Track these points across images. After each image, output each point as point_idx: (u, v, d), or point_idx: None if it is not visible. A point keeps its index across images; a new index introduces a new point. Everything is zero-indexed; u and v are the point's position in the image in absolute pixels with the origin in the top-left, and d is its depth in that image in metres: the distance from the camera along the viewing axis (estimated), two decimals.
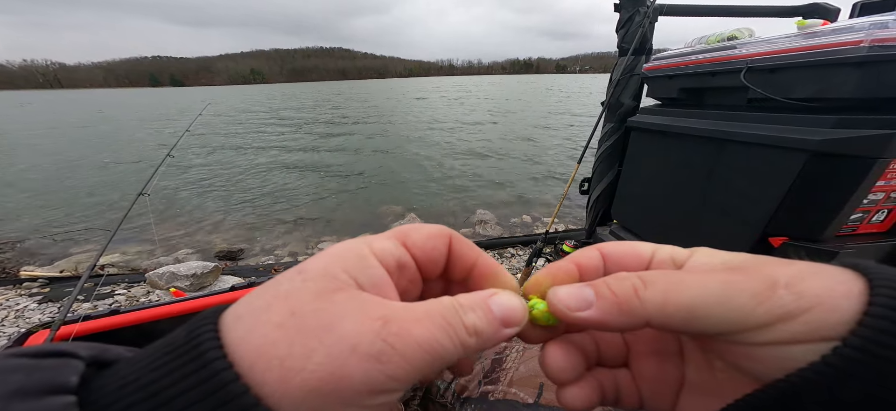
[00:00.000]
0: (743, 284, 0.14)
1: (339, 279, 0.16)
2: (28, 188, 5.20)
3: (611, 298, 0.16)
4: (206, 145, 8.54)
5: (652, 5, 1.70)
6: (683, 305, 0.15)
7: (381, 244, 0.18)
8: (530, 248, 2.53)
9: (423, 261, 0.19)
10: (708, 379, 0.18)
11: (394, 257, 0.18)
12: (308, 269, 0.16)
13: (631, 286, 0.16)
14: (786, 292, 0.14)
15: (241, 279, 2.27)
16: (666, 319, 0.15)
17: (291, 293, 0.15)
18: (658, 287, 0.15)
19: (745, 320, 0.14)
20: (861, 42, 0.87)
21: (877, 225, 1.03)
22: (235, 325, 0.14)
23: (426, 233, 0.20)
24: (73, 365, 0.13)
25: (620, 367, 0.21)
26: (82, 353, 0.14)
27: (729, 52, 1.24)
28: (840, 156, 0.93)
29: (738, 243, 1.18)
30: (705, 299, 0.14)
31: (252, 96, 43.37)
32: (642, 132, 1.71)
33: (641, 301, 0.16)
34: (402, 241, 0.19)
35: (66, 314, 1.02)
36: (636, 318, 0.16)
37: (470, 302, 0.17)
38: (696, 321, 0.15)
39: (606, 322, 0.16)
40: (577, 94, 24.47)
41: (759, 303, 0.14)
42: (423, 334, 0.15)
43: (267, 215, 4.06)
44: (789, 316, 0.13)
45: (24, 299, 2.08)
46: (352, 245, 0.17)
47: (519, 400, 0.69)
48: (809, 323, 0.13)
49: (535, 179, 5.17)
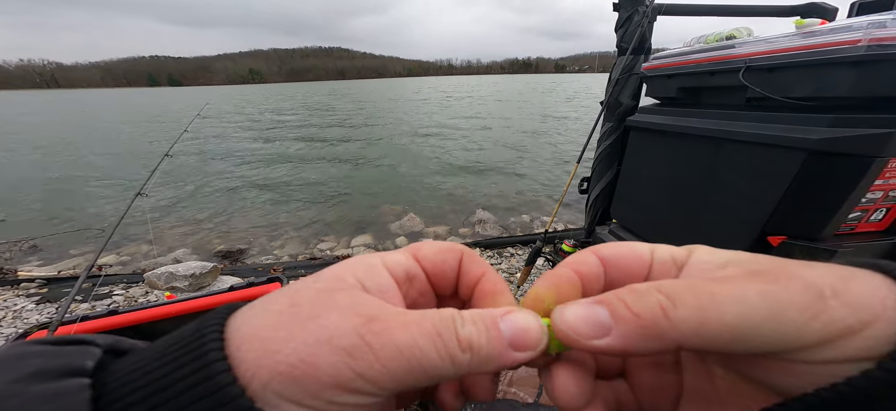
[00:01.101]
0: (786, 295, 0.12)
1: (346, 281, 0.16)
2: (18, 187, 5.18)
3: (633, 321, 0.14)
4: (206, 145, 8.52)
5: (651, 5, 1.70)
6: (727, 325, 0.13)
7: (393, 256, 0.19)
8: (530, 248, 2.53)
9: (433, 273, 0.20)
10: (707, 387, 0.17)
11: (403, 267, 0.19)
12: (323, 274, 0.17)
13: (656, 304, 0.13)
14: (837, 302, 0.12)
15: (240, 279, 2.26)
16: (703, 342, 0.13)
17: (299, 290, 0.16)
18: (690, 304, 0.13)
19: (798, 338, 0.12)
20: (859, 41, 0.87)
21: (875, 223, 1.03)
22: (242, 314, 0.15)
23: (437, 248, 0.20)
24: (91, 351, 0.14)
25: (617, 378, 0.20)
26: (100, 342, 0.15)
27: (728, 51, 1.24)
28: (838, 154, 0.94)
29: (737, 242, 1.18)
30: (751, 317, 0.12)
31: (250, 96, 43.29)
32: (641, 131, 1.71)
33: (672, 323, 0.13)
34: (413, 254, 0.20)
35: (64, 314, 1.02)
36: (666, 343, 0.13)
37: (473, 315, 0.15)
38: (740, 342, 0.13)
39: (630, 349, 0.14)
40: (582, 95, 24.47)
41: (811, 317, 0.12)
42: (404, 338, 0.14)
43: (266, 215, 4.05)
44: (850, 332, 0.12)
45: (22, 299, 2.08)
46: (366, 256, 0.18)
47: (518, 400, 0.69)
48: (870, 339, 0.12)
49: (535, 179, 5.18)
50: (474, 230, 3.40)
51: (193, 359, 0.13)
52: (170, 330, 0.15)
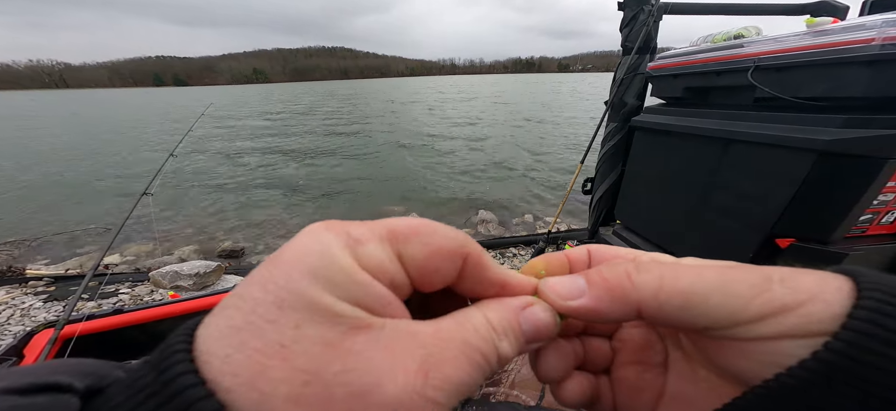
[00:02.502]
0: (740, 275, 0.14)
1: (345, 315, 0.12)
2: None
3: (603, 284, 0.16)
4: (210, 145, 8.59)
5: (656, 4, 1.69)
6: (679, 292, 0.14)
7: (368, 251, 0.13)
8: (532, 248, 2.52)
9: (419, 282, 0.15)
10: (689, 389, 0.18)
11: (388, 276, 0.14)
12: (286, 300, 0.12)
13: (623, 271, 0.16)
14: (781, 286, 0.14)
15: (244, 278, 2.28)
16: (659, 306, 0.15)
17: (289, 347, 0.11)
18: (653, 272, 0.15)
19: (742, 311, 0.14)
20: (872, 40, 0.85)
21: (887, 226, 1.01)
22: (225, 384, 0.11)
23: (430, 250, 0.14)
24: (65, 401, 0.11)
25: (602, 374, 0.21)
26: (77, 385, 0.12)
27: (736, 50, 1.22)
28: (849, 156, 0.92)
29: (745, 244, 1.17)
30: (703, 287, 0.14)
31: (254, 96, 43.57)
32: (646, 132, 1.69)
33: (634, 285, 0.15)
34: (396, 252, 0.14)
35: (71, 313, 1.02)
36: (629, 305, 0.15)
37: (502, 325, 0.15)
38: (690, 310, 0.14)
39: (598, 309, 0.16)
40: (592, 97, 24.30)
41: (756, 294, 0.14)
42: (461, 377, 0.13)
43: (269, 214, 4.08)
44: (785, 309, 0.13)
45: (30, 297, 2.10)
46: (327, 250, 0.13)
47: (521, 403, 0.68)
48: (804, 317, 0.13)
49: (538, 180, 5.16)
50: (477, 230, 3.40)
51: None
52: (173, 329, 0.13)
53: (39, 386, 0.11)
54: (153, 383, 0.11)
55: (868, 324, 0.12)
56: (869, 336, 0.12)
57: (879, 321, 0.12)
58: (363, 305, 0.13)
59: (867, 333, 0.12)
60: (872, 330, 0.12)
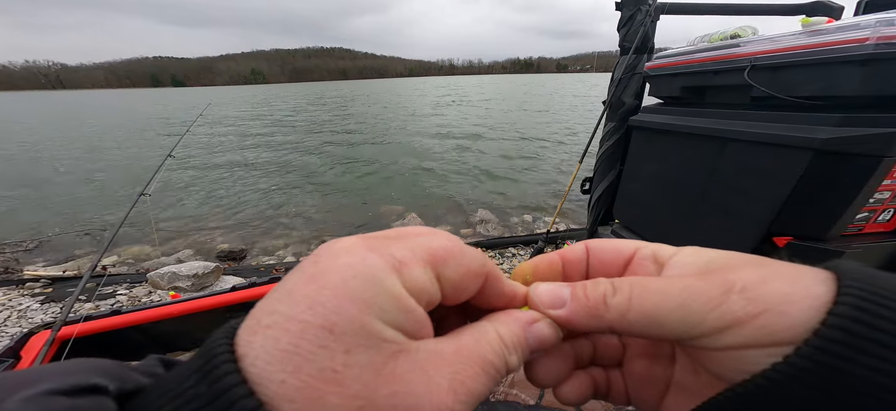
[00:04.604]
0: (699, 290, 0.15)
1: (390, 340, 0.13)
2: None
3: (582, 301, 0.17)
4: (208, 146, 8.56)
5: (654, 4, 1.69)
6: (643, 312, 0.15)
7: (413, 276, 0.14)
8: (531, 248, 2.53)
9: (449, 299, 0.17)
10: (693, 381, 0.19)
11: (427, 297, 0.15)
12: (337, 325, 0.12)
13: (602, 292, 0.17)
14: (738, 297, 0.14)
15: (242, 279, 2.27)
16: (627, 325, 0.16)
17: (342, 372, 0.12)
18: (624, 294, 0.16)
19: (697, 326, 0.14)
20: (867, 39, 0.85)
21: (883, 224, 1.02)
22: (283, 410, 0.12)
23: (464, 271, 0.16)
24: (106, 404, 0.12)
25: (615, 368, 0.22)
26: (110, 387, 0.12)
27: (732, 50, 1.23)
28: (845, 154, 0.92)
29: (742, 243, 1.17)
30: (664, 306, 0.15)
31: (253, 96, 43.49)
32: (644, 131, 1.70)
33: (607, 307, 0.16)
34: (436, 274, 0.15)
35: (68, 314, 1.02)
36: (603, 322, 0.16)
37: (512, 340, 0.16)
38: (654, 327, 0.15)
39: (574, 322, 0.17)
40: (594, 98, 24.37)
41: (710, 309, 0.14)
42: (480, 389, 0.15)
43: (268, 216, 4.07)
44: (738, 323, 0.14)
45: (27, 299, 2.09)
46: (375, 274, 0.13)
47: (520, 402, 0.68)
48: (760, 329, 0.14)
49: (537, 179, 5.16)
50: (476, 230, 3.40)
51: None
52: (172, 330, 0.14)
53: (83, 387, 0.12)
54: (206, 395, 0.12)
55: (839, 332, 0.12)
56: (831, 352, 0.12)
57: (849, 332, 0.12)
58: (404, 330, 0.14)
59: (830, 350, 0.12)
60: (836, 346, 0.12)
